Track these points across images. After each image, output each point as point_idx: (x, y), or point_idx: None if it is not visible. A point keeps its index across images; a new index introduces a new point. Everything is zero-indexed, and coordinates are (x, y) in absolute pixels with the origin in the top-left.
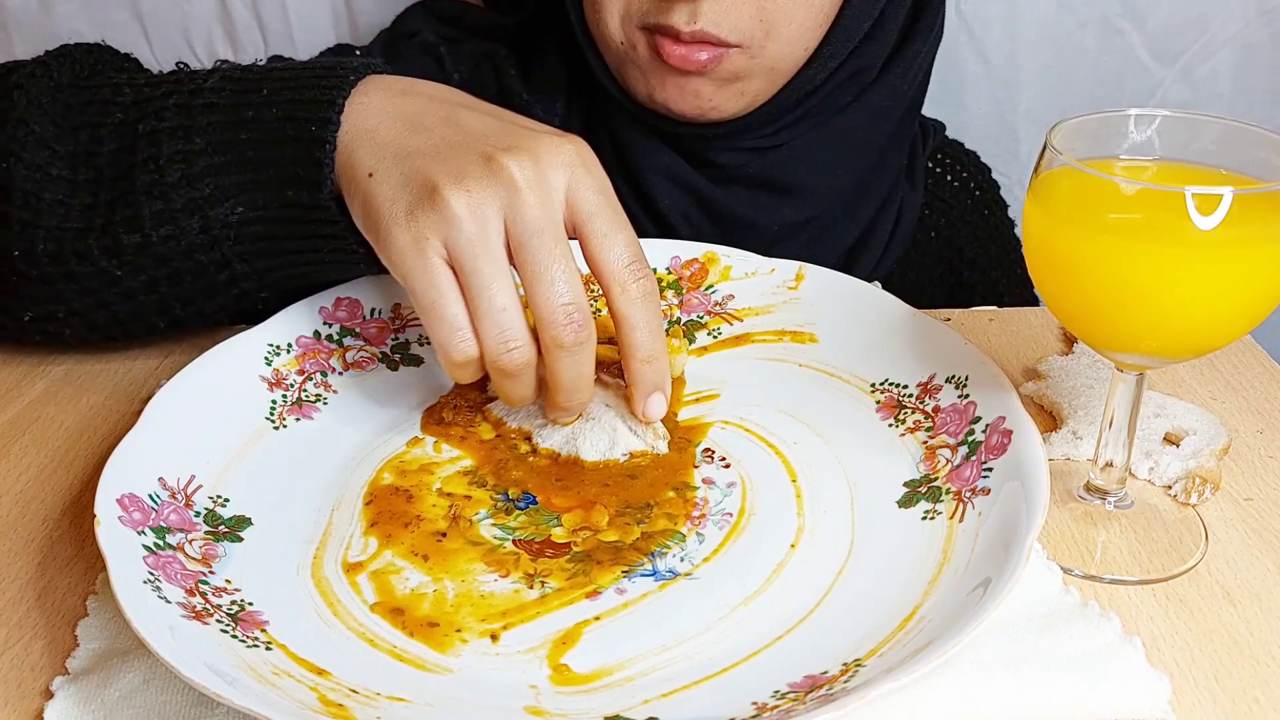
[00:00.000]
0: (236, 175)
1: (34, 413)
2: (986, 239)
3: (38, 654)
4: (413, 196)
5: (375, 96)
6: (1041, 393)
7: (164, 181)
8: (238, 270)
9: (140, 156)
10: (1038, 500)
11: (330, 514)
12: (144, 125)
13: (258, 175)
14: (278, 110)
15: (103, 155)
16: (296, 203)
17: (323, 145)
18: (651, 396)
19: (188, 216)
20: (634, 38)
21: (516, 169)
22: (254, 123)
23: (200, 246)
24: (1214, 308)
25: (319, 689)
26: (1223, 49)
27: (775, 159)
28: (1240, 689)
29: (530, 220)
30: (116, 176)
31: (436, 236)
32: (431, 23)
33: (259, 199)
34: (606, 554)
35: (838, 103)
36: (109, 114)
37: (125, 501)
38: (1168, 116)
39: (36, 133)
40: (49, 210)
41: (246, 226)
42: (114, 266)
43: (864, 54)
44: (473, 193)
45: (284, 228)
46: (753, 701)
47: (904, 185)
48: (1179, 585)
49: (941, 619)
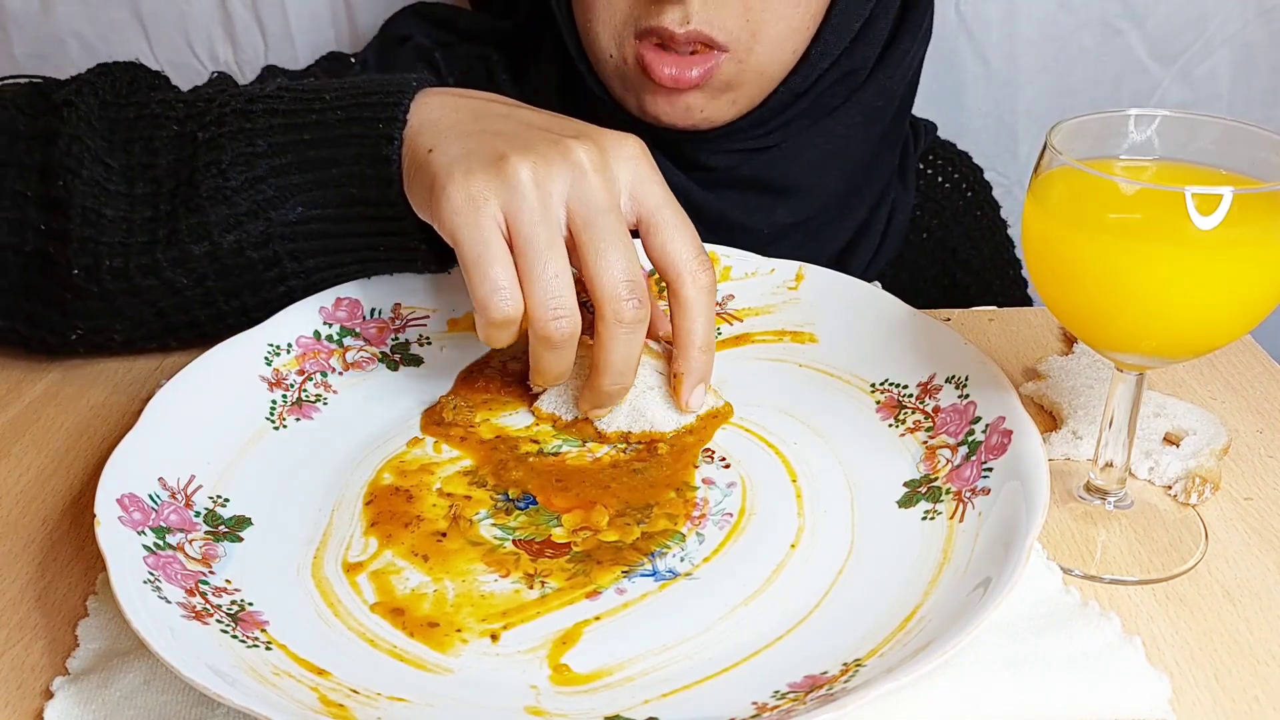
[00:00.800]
0: (298, 175)
1: (34, 413)
2: (979, 239)
3: (38, 654)
4: (477, 162)
5: (435, 99)
6: (1041, 393)
7: (227, 186)
8: (287, 268)
9: (201, 162)
10: (1038, 500)
11: (330, 514)
12: (203, 133)
13: (321, 175)
14: (341, 113)
15: (159, 168)
16: (363, 200)
17: (390, 142)
18: (698, 386)
19: (252, 220)
20: (625, 51)
21: (584, 152)
22: (317, 125)
23: (252, 244)
24: (1214, 307)
25: (319, 689)
26: (1221, 49)
27: (767, 160)
28: (1240, 688)
29: (596, 199)
30: (177, 186)
31: (495, 199)
32: (424, 27)
33: (321, 198)
34: (606, 554)
35: (829, 104)
36: (163, 127)
37: (125, 502)
38: (1167, 116)
39: (91, 148)
40: (110, 226)
41: (302, 225)
42: (180, 276)
43: (854, 55)
44: (538, 165)
45: (344, 226)
46: (753, 701)
47: (896, 186)
48: (1179, 585)
49: (941, 619)
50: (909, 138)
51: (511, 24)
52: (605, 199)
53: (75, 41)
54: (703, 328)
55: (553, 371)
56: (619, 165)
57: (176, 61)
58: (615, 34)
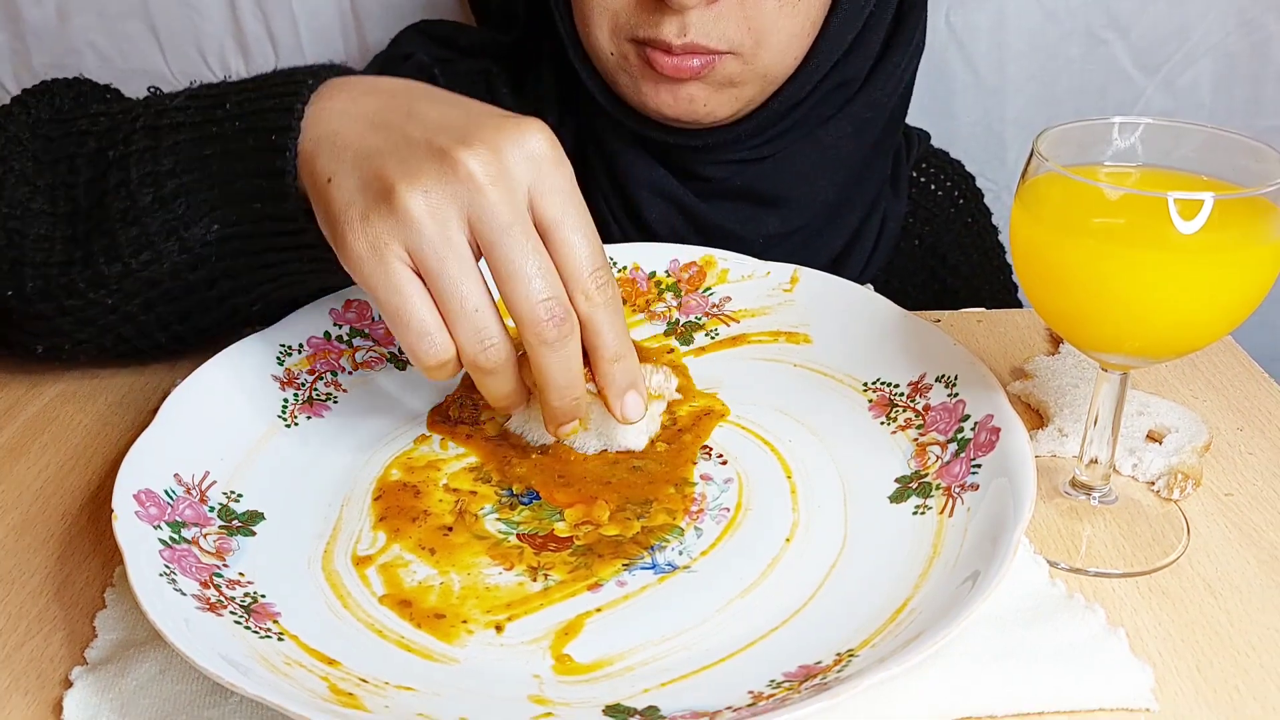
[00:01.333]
0: (206, 193)
1: (53, 412)
2: (970, 246)
3: (57, 645)
4: (369, 200)
5: (338, 99)
6: (1028, 391)
7: (137, 206)
8: (225, 287)
9: (111, 183)
10: (1025, 496)
11: (340, 509)
12: (114, 151)
13: (225, 191)
14: (240, 123)
15: (79, 186)
16: (265, 215)
17: (284, 154)
18: (626, 396)
19: (164, 239)
20: (624, 49)
21: (477, 164)
22: (218, 138)
23: (185, 266)
24: (1195, 310)
25: (329, 678)
26: (1203, 59)
27: (760, 171)
28: (1221, 678)
29: (496, 217)
30: (91, 206)
31: (395, 241)
32: (426, 44)
33: (231, 215)
34: (607, 548)
35: (823, 114)
36: (84, 144)
37: (142, 497)
38: (1150, 124)
39: (16, 169)
40: (33, 247)
41: (226, 243)
42: (102, 296)
43: (848, 65)
44: (430, 192)
45: (259, 241)
46: (749, 691)
47: (888, 194)
48: (1162, 578)
49: (932, 611)
50: (901, 147)
51: (512, 38)
52: (506, 214)
53: (91, 52)
54: (609, 339)
55: (500, 395)
56: (518, 168)
57: (190, 72)
58: (613, 38)
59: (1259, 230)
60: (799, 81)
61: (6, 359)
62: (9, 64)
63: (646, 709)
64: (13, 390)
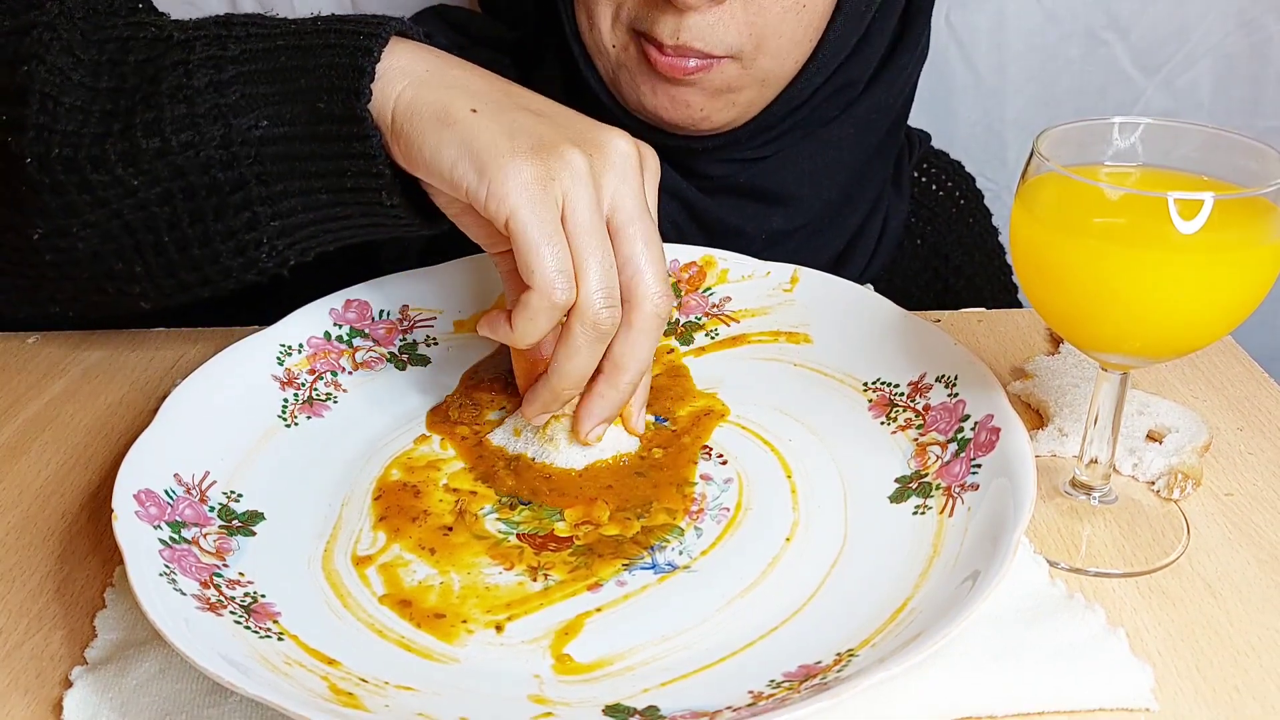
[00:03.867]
0: (266, 85)
1: (53, 411)
2: (971, 245)
3: (57, 644)
4: (535, 142)
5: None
6: (1029, 391)
7: (190, 85)
8: (254, 192)
9: (169, 60)
10: (1025, 496)
11: (340, 509)
12: (180, 34)
13: (289, 86)
14: (321, 24)
15: (129, 64)
16: (328, 115)
17: (369, 54)
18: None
19: (210, 123)
20: (624, 40)
21: (623, 147)
22: (294, 34)
23: (218, 162)
24: (1195, 309)
25: (329, 678)
26: (1203, 59)
27: (763, 169)
28: (1221, 678)
29: (636, 202)
30: (141, 82)
31: (560, 182)
32: (443, 28)
33: (287, 112)
34: (607, 547)
35: (825, 115)
36: (143, 29)
37: (142, 497)
38: (1150, 124)
39: (64, 38)
40: (66, 115)
41: (269, 145)
42: (130, 175)
43: (850, 68)
44: (594, 158)
45: (309, 145)
46: (749, 690)
47: (890, 194)
48: (1162, 578)
49: (932, 611)
50: (904, 148)
51: (519, 33)
52: (644, 199)
53: None
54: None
55: (579, 372)
56: (649, 172)
57: None
58: (614, 26)
59: (1259, 230)
60: (799, 85)
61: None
62: None
63: (646, 709)
64: (13, 390)
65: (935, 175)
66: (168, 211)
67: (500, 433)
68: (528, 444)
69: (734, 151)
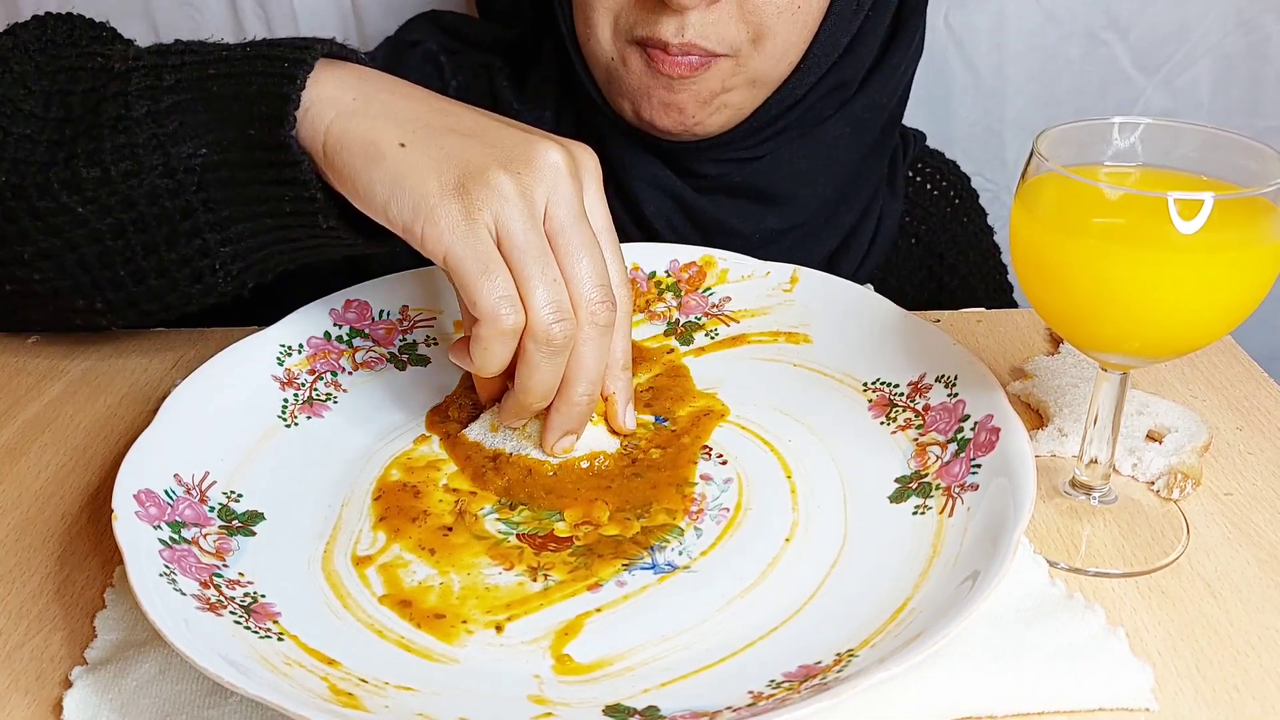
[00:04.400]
0: (202, 114)
1: (53, 412)
2: (965, 245)
3: (57, 645)
4: (461, 172)
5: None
6: (1028, 391)
7: (129, 116)
8: (202, 219)
9: (110, 91)
10: (1025, 496)
11: (340, 509)
12: (120, 65)
13: (223, 113)
14: (250, 50)
15: (75, 94)
16: (259, 142)
17: (293, 80)
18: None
19: (149, 153)
20: (625, 52)
21: (553, 157)
22: (225, 61)
23: (165, 191)
24: (1195, 309)
25: (329, 679)
26: (1202, 59)
27: (758, 169)
28: (1221, 678)
29: (573, 207)
30: (84, 112)
31: (488, 210)
32: (434, 33)
33: (224, 139)
34: (607, 548)
35: (819, 115)
36: (91, 59)
37: (142, 497)
38: (1150, 124)
39: (16, 71)
40: (15, 144)
41: (211, 171)
42: (75, 203)
43: (844, 68)
44: (521, 175)
45: (247, 172)
46: (749, 690)
47: (885, 193)
48: (1161, 578)
49: (932, 611)
50: (898, 147)
51: (514, 34)
52: (578, 205)
53: None
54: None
55: (544, 387)
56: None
57: None
58: (614, 39)
59: (1259, 230)
60: (791, 85)
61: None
62: None
63: (646, 709)
64: (13, 390)
65: (930, 174)
66: (121, 245)
67: (476, 428)
68: (505, 440)
69: (728, 151)
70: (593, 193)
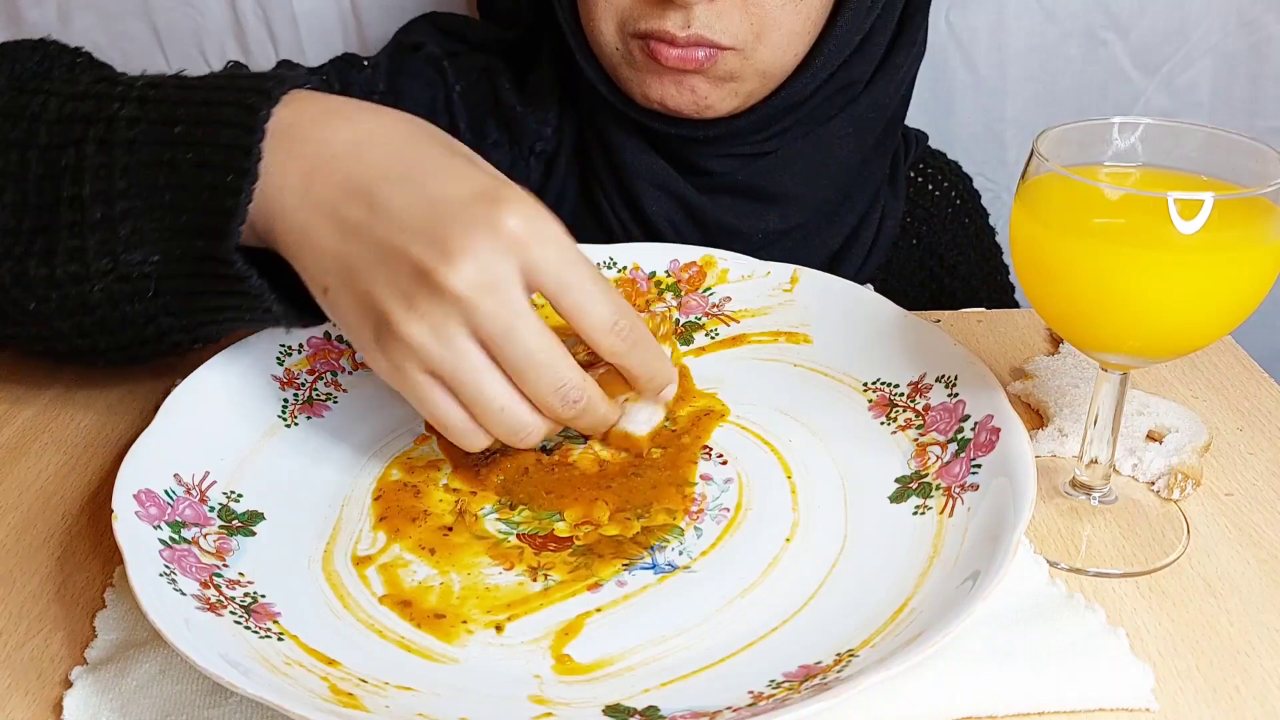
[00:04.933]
0: (153, 221)
1: (53, 411)
2: (966, 246)
3: (57, 645)
4: (374, 325)
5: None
6: (1029, 391)
7: (85, 221)
8: (164, 324)
9: (66, 194)
10: (1025, 496)
11: (340, 509)
12: (65, 159)
13: (172, 223)
14: (193, 155)
15: (29, 180)
16: (208, 255)
17: (236, 195)
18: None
19: (97, 257)
20: (629, 45)
21: (462, 282)
22: (170, 166)
23: (124, 296)
24: (1195, 309)
25: (329, 679)
26: (1203, 59)
27: (761, 168)
28: (1221, 678)
29: (495, 325)
30: (41, 207)
31: (411, 361)
32: (436, 36)
33: (175, 249)
34: (607, 548)
35: (824, 113)
36: (35, 134)
37: (142, 497)
38: (1150, 124)
39: None
40: None
41: (165, 280)
42: (26, 300)
43: (852, 68)
44: (426, 316)
45: (200, 282)
46: (749, 690)
47: (886, 193)
48: (1162, 578)
49: (932, 611)
50: (900, 148)
51: (515, 34)
52: (505, 318)
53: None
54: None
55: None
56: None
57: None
58: (617, 30)
59: (1259, 230)
60: (802, 80)
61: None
62: None
63: (646, 709)
64: (13, 390)
65: (931, 175)
66: (88, 344)
67: None
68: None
69: (734, 146)
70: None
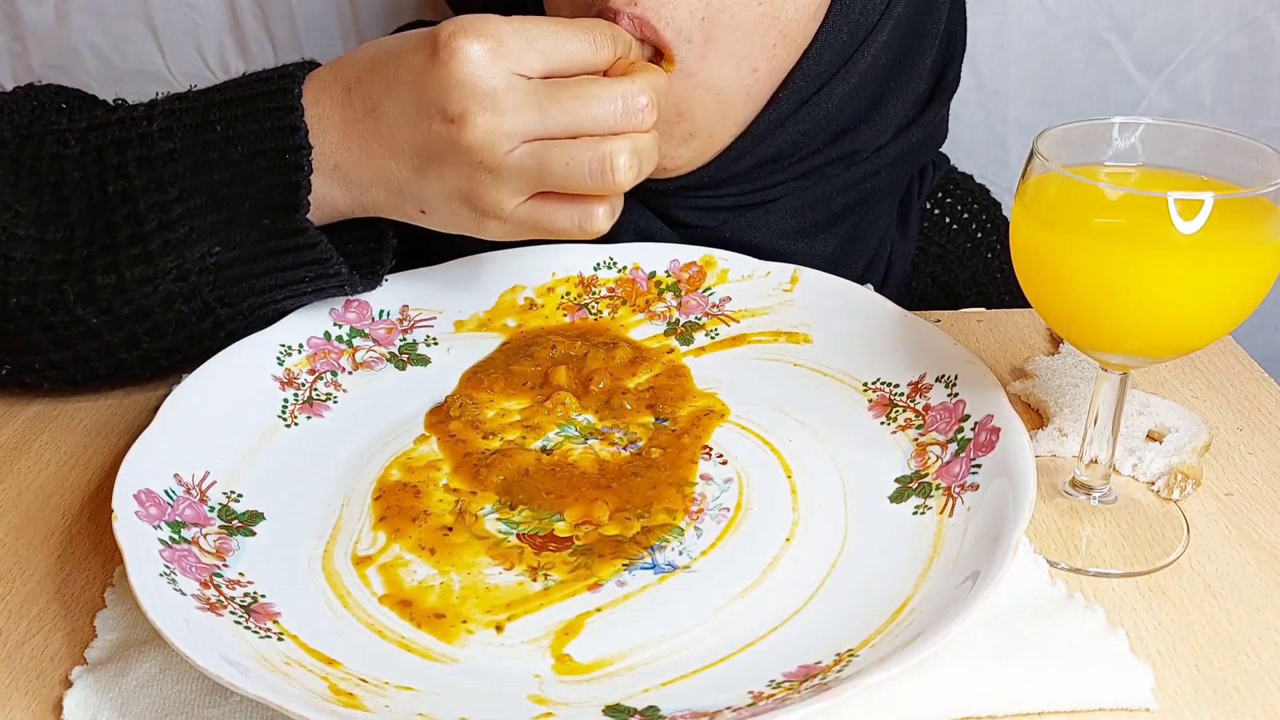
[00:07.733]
0: (212, 215)
1: (53, 411)
2: (986, 282)
3: (57, 644)
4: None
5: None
6: (1029, 391)
7: (144, 231)
8: (221, 315)
9: (119, 216)
10: (1025, 496)
11: (340, 509)
12: (112, 186)
13: (233, 211)
14: (244, 147)
15: (72, 214)
16: (275, 231)
17: (300, 169)
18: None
19: (163, 256)
20: None
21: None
22: (222, 163)
23: (179, 295)
24: (1195, 309)
25: (329, 678)
26: (1205, 60)
27: (750, 221)
28: (1221, 678)
29: (532, 118)
30: (93, 233)
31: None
32: None
33: (237, 236)
34: (607, 547)
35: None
36: (64, 171)
37: (142, 497)
38: (1151, 124)
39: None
40: (19, 268)
41: (225, 269)
42: (90, 314)
43: (859, 136)
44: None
45: (263, 262)
46: (749, 690)
47: (894, 238)
48: (1161, 578)
49: (932, 611)
50: (913, 181)
51: None
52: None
53: (90, 52)
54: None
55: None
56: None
57: (189, 72)
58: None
59: (1259, 230)
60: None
61: None
62: (8, 64)
63: (646, 709)
64: (13, 390)
65: (950, 206)
66: (137, 355)
67: None
68: None
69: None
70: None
